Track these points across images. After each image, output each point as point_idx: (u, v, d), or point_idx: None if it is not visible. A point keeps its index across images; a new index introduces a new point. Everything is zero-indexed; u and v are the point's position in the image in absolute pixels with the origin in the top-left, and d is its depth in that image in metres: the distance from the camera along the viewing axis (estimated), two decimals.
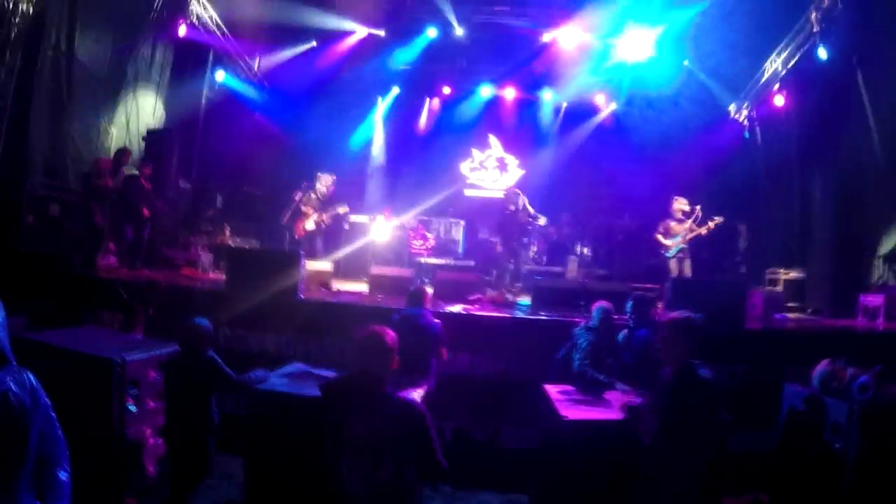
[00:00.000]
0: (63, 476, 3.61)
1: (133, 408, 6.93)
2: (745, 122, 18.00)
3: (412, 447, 4.14)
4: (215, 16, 16.84)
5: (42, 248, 12.83)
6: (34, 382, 3.52)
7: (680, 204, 14.36)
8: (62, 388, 6.07)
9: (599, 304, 8.10)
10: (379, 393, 4.20)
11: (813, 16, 13.95)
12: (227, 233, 16.57)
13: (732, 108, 18.16)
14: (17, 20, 12.83)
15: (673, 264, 14.30)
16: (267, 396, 6.72)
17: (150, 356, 7.26)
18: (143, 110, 16.36)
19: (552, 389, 7.03)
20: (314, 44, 18.61)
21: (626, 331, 8.14)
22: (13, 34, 12.81)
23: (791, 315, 12.56)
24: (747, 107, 17.78)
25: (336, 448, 4.13)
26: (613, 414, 6.34)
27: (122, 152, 14.30)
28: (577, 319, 8.65)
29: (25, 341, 7.13)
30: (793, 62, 15.35)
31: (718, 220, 14.12)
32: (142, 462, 7.13)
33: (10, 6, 12.63)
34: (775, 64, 15.90)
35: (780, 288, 14.17)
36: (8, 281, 10.07)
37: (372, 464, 4.05)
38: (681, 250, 14.23)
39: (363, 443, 4.05)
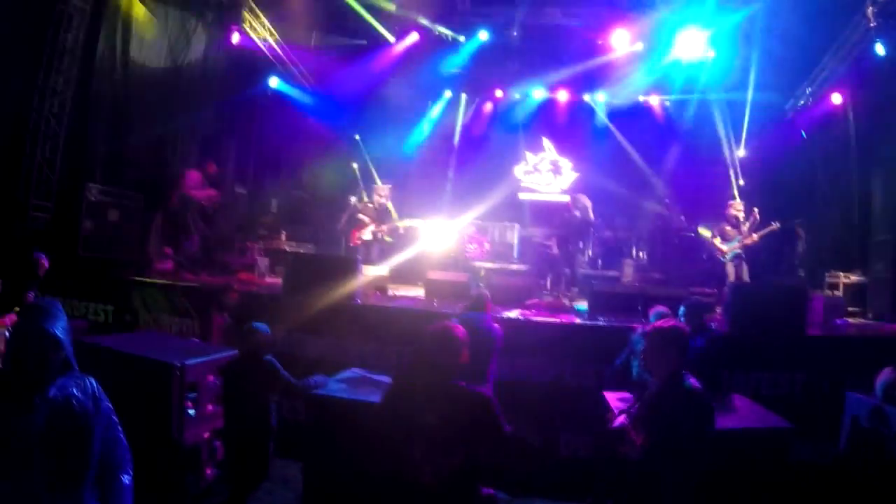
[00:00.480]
0: (126, 480, 3.68)
1: (192, 412, 7.01)
2: (803, 121, 17.63)
3: (481, 433, 4.26)
4: (267, 23, 16.98)
5: (100, 254, 13.02)
6: (96, 388, 3.59)
7: (735, 209, 14.18)
8: (122, 392, 6.17)
9: (657, 310, 8.00)
10: (449, 384, 4.31)
11: (869, 10, 13.63)
12: (283, 237, 16.70)
13: (789, 106, 17.82)
14: (73, 29, 13.06)
15: (730, 268, 14.09)
16: (325, 402, 6.74)
17: (209, 360, 7.35)
18: (199, 116, 16.54)
19: (611, 396, 6.95)
20: (364, 42, 18.65)
21: None
22: (69, 43, 13.05)
23: (852, 320, 12.32)
24: (804, 105, 17.42)
25: (406, 438, 4.21)
26: None
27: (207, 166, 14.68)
28: (634, 325, 8.54)
29: (86, 346, 7.25)
30: (849, 59, 15.03)
31: (775, 225, 13.93)
32: (200, 465, 7.20)
33: (67, 16, 12.86)
34: (832, 61, 15.60)
35: (839, 292, 13.92)
36: (68, 286, 10.24)
37: (443, 452, 4.15)
38: (737, 255, 14.03)
39: (435, 433, 4.15)
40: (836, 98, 15.89)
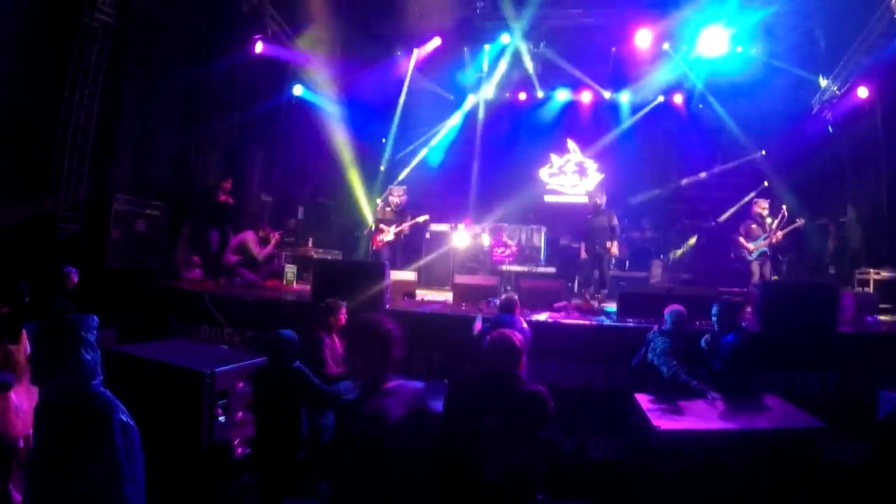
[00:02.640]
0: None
1: (222, 419, 7.03)
2: (829, 115, 17.45)
3: (541, 425, 4.83)
4: (290, 31, 17.06)
5: (128, 263, 13.14)
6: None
7: (760, 207, 14.07)
8: (153, 400, 6.21)
9: (672, 308, 8.02)
10: (511, 388, 4.77)
11: (893, 2, 13.52)
12: (310, 244, 16.76)
13: (814, 101, 17.66)
14: (99, 42, 13.20)
15: (755, 267, 13.98)
16: (354, 409, 6.73)
17: (239, 367, 7.36)
18: (223, 126, 16.66)
19: (643, 398, 6.93)
20: (387, 48, 18.71)
21: (708, 336, 7.94)
22: (95, 57, 13.18)
23: (883, 318, 12.17)
24: (829, 99, 17.22)
25: (471, 440, 4.59)
26: (708, 423, 6.23)
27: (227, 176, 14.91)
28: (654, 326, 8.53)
29: (117, 354, 7.31)
30: (874, 52, 14.88)
31: (800, 223, 13.83)
32: (230, 473, 7.22)
33: (92, 29, 12.99)
34: (856, 54, 15.46)
35: (870, 289, 13.79)
36: (97, 295, 10.32)
37: (507, 450, 4.56)
38: (762, 253, 13.93)
39: (499, 433, 4.56)
40: (863, 91, 15.70)
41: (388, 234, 14.44)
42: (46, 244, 12.64)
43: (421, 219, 14.84)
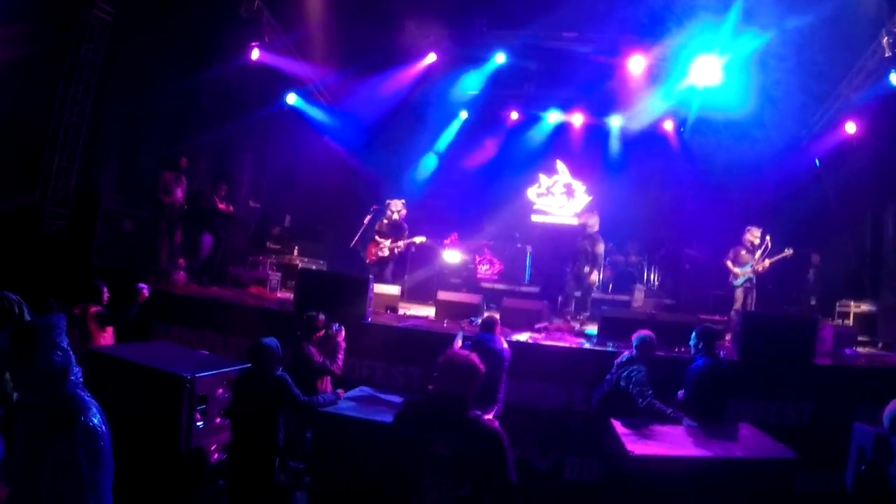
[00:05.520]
0: None
1: (200, 423, 7.03)
2: (816, 149, 17.61)
3: (490, 467, 4.21)
4: (287, 39, 17.09)
5: (113, 262, 13.12)
6: None
7: (752, 235, 14.13)
8: (133, 401, 6.23)
9: (640, 333, 8.08)
10: (463, 415, 4.31)
11: (885, 40, 13.66)
12: (296, 253, 16.77)
13: (803, 134, 17.83)
14: (95, 40, 13.24)
15: (739, 294, 14.05)
16: (334, 420, 6.76)
17: (220, 373, 7.36)
18: (215, 130, 16.68)
19: (618, 423, 6.95)
20: (383, 61, 18.73)
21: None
22: (91, 54, 13.22)
23: (862, 350, 12.30)
24: (818, 133, 17.44)
25: (417, 466, 4.22)
26: (681, 450, 6.28)
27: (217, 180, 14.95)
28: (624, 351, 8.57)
29: (99, 354, 7.31)
30: (864, 88, 15.09)
31: (788, 252, 13.91)
32: (206, 478, 7.22)
33: (90, 27, 13.02)
34: (846, 90, 15.65)
35: (850, 321, 13.91)
36: (80, 294, 10.29)
37: (452, 482, 4.15)
38: (748, 280, 14.01)
39: (445, 462, 4.16)
40: (851, 127, 15.92)
41: (383, 248, 14.45)
42: (32, 238, 12.64)
43: (417, 240, 14.80)
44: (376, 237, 14.57)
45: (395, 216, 14.73)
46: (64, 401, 3.57)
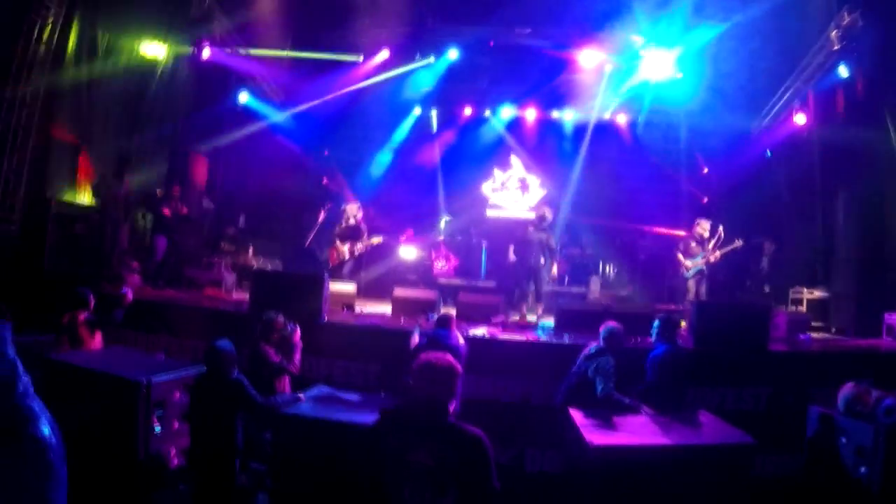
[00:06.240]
0: None
1: (158, 429, 6.96)
2: (767, 141, 17.85)
3: (474, 475, 4.08)
4: (238, 38, 16.94)
5: (65, 267, 12.94)
6: None
7: (701, 228, 14.23)
8: (88, 408, 6.14)
9: (607, 325, 8.10)
10: (444, 421, 4.18)
11: (833, 33, 13.84)
12: (251, 253, 16.65)
13: (754, 126, 18.01)
14: (44, 41, 13.03)
15: (690, 284, 14.19)
16: (293, 421, 6.70)
17: (177, 377, 7.28)
18: (166, 130, 16.52)
19: (577, 413, 6.94)
20: (335, 58, 18.60)
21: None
22: (41, 54, 13.01)
23: (815, 335, 12.47)
24: (768, 125, 17.64)
25: (397, 474, 4.08)
26: (640, 439, 6.31)
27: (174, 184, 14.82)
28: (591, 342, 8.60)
29: (52, 362, 7.19)
30: (813, 80, 15.31)
31: (739, 243, 14.07)
32: (166, 483, 7.15)
33: (40, 27, 12.83)
34: (796, 82, 15.84)
35: (803, 308, 14.10)
36: (34, 300, 10.16)
37: (434, 490, 4.01)
38: (699, 271, 14.15)
39: (427, 470, 4.02)
40: (800, 118, 16.14)
41: (344, 253, 14.42)
42: None
43: (375, 240, 14.81)
44: (336, 242, 14.53)
45: (353, 220, 14.71)
46: (11, 413, 3.48)
